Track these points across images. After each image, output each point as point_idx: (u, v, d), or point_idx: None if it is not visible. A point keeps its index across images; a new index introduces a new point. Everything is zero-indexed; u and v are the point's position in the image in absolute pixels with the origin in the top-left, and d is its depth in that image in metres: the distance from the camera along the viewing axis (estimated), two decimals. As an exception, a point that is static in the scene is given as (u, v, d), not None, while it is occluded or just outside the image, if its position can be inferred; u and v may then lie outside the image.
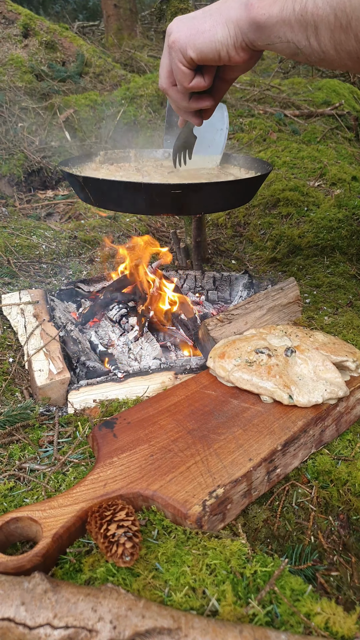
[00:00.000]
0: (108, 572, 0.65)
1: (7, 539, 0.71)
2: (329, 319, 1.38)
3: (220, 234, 2.15)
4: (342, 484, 0.87)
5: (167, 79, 0.94)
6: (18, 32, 3.08)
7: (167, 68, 0.92)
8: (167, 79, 0.94)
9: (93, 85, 3.12)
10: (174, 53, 0.87)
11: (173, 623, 0.55)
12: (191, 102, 0.96)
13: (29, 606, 0.57)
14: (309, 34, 0.73)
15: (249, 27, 0.79)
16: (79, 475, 0.87)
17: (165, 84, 0.95)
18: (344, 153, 2.79)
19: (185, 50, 0.85)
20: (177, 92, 0.95)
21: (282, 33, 0.75)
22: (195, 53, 0.84)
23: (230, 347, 1.02)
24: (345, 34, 0.69)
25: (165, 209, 1.13)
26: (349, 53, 0.72)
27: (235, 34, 0.81)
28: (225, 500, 0.74)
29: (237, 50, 0.83)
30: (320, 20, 0.70)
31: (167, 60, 0.91)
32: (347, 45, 0.71)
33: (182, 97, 0.96)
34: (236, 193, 1.21)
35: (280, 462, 0.84)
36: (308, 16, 0.71)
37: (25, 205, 2.28)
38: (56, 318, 1.31)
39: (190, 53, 0.85)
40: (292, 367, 0.96)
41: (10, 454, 0.93)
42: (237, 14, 0.79)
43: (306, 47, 0.75)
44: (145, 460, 0.81)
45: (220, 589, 0.63)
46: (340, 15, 0.68)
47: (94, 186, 1.14)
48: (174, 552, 0.68)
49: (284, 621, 0.60)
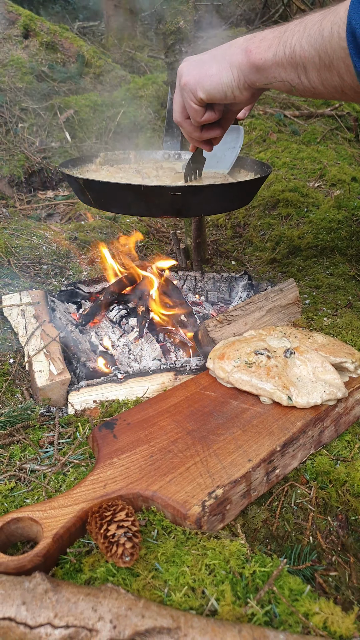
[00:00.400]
0: (108, 572, 0.66)
1: (8, 539, 0.71)
2: (328, 320, 1.38)
3: (220, 234, 2.15)
4: (340, 485, 0.87)
5: (181, 114, 1.06)
6: (18, 32, 3.08)
7: (180, 105, 1.04)
8: (181, 114, 1.06)
9: (93, 86, 3.13)
10: (185, 94, 0.99)
11: (172, 622, 0.56)
12: (203, 133, 1.08)
13: (30, 606, 0.57)
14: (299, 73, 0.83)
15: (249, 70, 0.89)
16: (79, 476, 0.87)
17: (179, 117, 1.07)
18: (343, 154, 2.79)
19: (195, 92, 0.96)
20: (190, 124, 1.06)
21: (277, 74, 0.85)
22: (204, 94, 0.96)
23: (230, 349, 1.03)
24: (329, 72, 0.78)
25: (165, 211, 1.13)
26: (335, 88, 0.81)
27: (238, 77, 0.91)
28: (224, 500, 0.75)
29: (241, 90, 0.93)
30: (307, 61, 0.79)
31: (179, 98, 1.03)
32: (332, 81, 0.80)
33: (194, 129, 1.07)
34: (236, 195, 1.21)
35: (279, 462, 0.85)
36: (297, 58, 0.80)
37: (25, 206, 2.29)
38: (56, 319, 1.31)
39: (200, 94, 0.96)
40: (291, 368, 0.97)
41: (10, 454, 0.94)
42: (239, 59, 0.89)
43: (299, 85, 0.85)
44: (145, 461, 0.81)
45: (219, 588, 0.63)
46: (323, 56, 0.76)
47: (94, 188, 1.14)
48: (173, 553, 0.68)
49: (282, 621, 0.61)
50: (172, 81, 1.56)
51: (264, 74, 0.88)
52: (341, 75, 0.77)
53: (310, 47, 0.78)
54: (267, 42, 0.85)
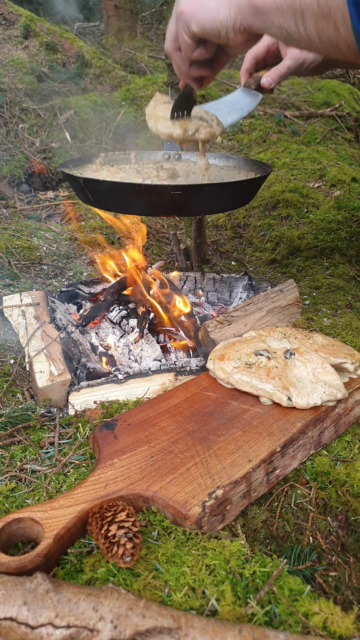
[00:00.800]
0: (109, 572, 0.66)
1: (9, 539, 0.72)
2: (328, 321, 1.38)
3: (220, 235, 2.15)
4: (340, 485, 0.87)
5: (172, 42, 1.00)
6: (19, 33, 3.09)
7: (173, 33, 0.98)
8: (172, 43, 1.00)
9: (93, 87, 3.13)
10: (180, 23, 0.94)
11: (173, 622, 0.56)
12: (192, 69, 1.03)
13: (31, 606, 0.57)
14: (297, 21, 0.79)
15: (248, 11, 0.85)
16: (80, 477, 0.88)
17: (170, 47, 1.01)
18: (343, 154, 2.79)
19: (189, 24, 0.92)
20: (180, 57, 1.01)
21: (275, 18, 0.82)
22: (198, 28, 0.91)
23: (230, 349, 1.03)
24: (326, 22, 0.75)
25: (165, 210, 1.14)
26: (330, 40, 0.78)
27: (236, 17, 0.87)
28: (224, 501, 0.75)
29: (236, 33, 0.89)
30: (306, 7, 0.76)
31: (173, 27, 0.97)
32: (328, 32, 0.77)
33: (184, 63, 1.02)
34: (236, 194, 1.21)
35: (279, 463, 0.85)
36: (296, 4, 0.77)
37: (25, 207, 2.29)
38: (57, 320, 1.31)
39: (193, 27, 0.91)
40: (291, 369, 0.97)
41: (11, 455, 0.94)
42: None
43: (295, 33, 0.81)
44: (146, 461, 0.82)
45: (219, 589, 0.64)
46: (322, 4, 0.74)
47: (95, 188, 1.14)
48: (173, 553, 0.68)
49: (282, 621, 0.61)
50: (173, 82, 1.56)
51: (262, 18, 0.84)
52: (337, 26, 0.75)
53: None
54: None
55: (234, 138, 2.89)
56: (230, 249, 2.04)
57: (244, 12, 0.86)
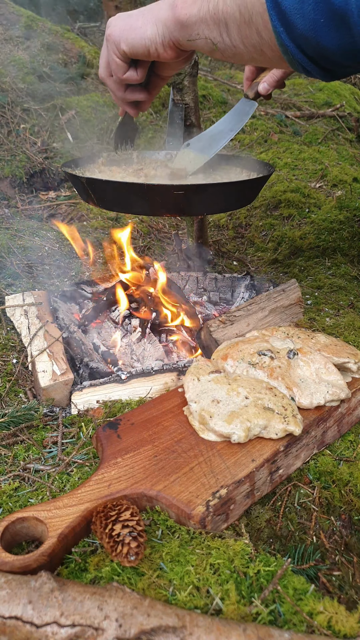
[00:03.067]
0: (113, 571, 0.66)
1: (13, 538, 0.72)
2: (330, 321, 1.38)
3: (221, 235, 2.16)
4: (344, 485, 0.87)
5: (105, 69, 1.02)
6: (20, 33, 3.09)
7: (105, 59, 1.00)
8: (105, 69, 1.01)
9: (95, 87, 3.13)
10: (109, 46, 0.96)
11: (178, 621, 0.56)
12: (126, 93, 1.05)
13: (36, 605, 0.57)
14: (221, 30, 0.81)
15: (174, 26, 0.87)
16: (84, 476, 0.88)
17: (104, 73, 1.03)
18: (345, 154, 2.79)
19: (119, 44, 0.93)
20: (114, 82, 1.03)
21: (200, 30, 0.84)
22: (127, 47, 0.92)
23: (233, 349, 1.03)
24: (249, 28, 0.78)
25: (167, 210, 1.14)
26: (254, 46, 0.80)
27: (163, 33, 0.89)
28: (228, 500, 0.75)
29: (165, 48, 0.90)
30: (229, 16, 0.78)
31: (105, 52, 0.99)
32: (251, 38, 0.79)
33: (118, 88, 1.04)
34: (238, 194, 1.21)
35: (282, 462, 0.85)
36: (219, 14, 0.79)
37: (27, 207, 2.29)
38: (59, 319, 1.32)
39: (123, 47, 0.93)
40: (294, 369, 0.97)
41: (14, 454, 0.94)
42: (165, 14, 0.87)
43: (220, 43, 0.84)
44: (149, 461, 0.82)
45: (224, 588, 0.64)
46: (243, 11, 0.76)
47: (97, 187, 1.14)
48: (178, 552, 0.69)
49: (287, 620, 0.61)
50: (174, 81, 1.56)
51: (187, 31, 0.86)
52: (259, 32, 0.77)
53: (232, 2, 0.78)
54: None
55: (235, 138, 2.89)
56: (232, 249, 2.04)
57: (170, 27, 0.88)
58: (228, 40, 0.82)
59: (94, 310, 1.43)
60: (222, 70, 4.13)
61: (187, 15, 0.84)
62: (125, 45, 0.93)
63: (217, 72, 3.92)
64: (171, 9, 0.86)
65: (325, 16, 0.68)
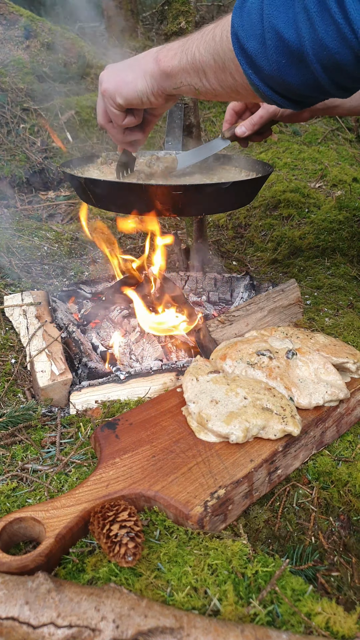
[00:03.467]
0: (111, 572, 0.66)
1: (11, 539, 0.71)
2: (329, 321, 1.38)
3: (221, 235, 2.15)
4: (342, 485, 0.87)
5: (103, 117, 1.13)
6: (20, 33, 3.09)
7: (102, 109, 1.11)
8: (104, 117, 1.13)
9: (94, 87, 3.13)
10: (106, 100, 1.07)
11: (175, 622, 0.56)
12: (125, 136, 1.16)
13: (33, 605, 0.57)
14: (200, 77, 0.92)
15: (160, 77, 0.98)
16: (82, 476, 0.87)
17: (102, 121, 1.14)
18: (344, 154, 2.79)
19: (114, 98, 1.04)
20: (113, 127, 1.14)
21: (183, 78, 0.95)
22: (122, 100, 1.04)
23: (232, 349, 1.03)
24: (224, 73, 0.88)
25: (166, 210, 1.13)
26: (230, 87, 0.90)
27: (152, 84, 0.99)
28: (226, 501, 0.75)
29: (155, 97, 1.02)
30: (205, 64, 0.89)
31: (102, 104, 1.10)
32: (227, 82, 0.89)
33: (117, 132, 1.15)
34: (237, 194, 1.21)
35: (281, 463, 0.85)
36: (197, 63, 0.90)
37: (26, 207, 2.29)
38: (58, 319, 1.31)
39: (118, 100, 1.04)
40: (293, 369, 0.97)
41: (12, 454, 0.94)
42: (151, 67, 0.98)
43: (202, 87, 0.94)
44: (148, 461, 0.81)
45: (221, 589, 0.63)
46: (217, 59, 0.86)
47: (96, 187, 1.14)
48: (175, 552, 0.68)
49: (285, 621, 0.61)
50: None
51: (172, 80, 0.97)
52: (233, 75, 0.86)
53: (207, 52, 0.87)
54: (173, 51, 0.95)
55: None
56: (231, 248, 2.04)
57: (157, 79, 0.98)
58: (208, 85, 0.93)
59: (93, 310, 1.43)
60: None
61: (170, 67, 0.95)
62: (121, 98, 1.03)
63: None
64: (156, 62, 0.97)
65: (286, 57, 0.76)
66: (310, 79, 0.77)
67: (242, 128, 1.32)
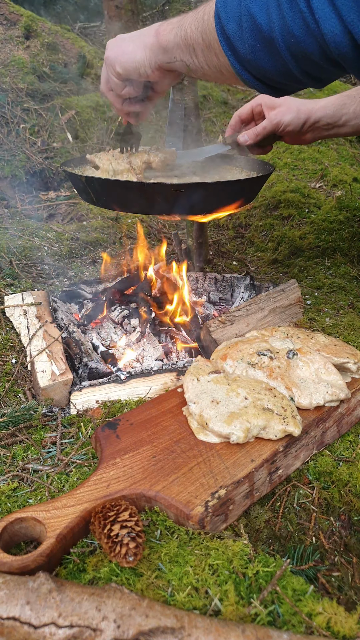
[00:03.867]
0: (112, 572, 0.66)
1: (12, 539, 0.71)
2: (330, 321, 1.38)
3: (221, 235, 2.15)
4: (343, 485, 0.87)
5: (105, 85, 1.15)
6: (20, 33, 3.09)
7: (105, 76, 1.14)
8: (105, 85, 1.15)
9: (95, 87, 3.13)
10: (107, 67, 1.10)
11: (176, 622, 0.56)
12: (125, 106, 1.18)
13: (34, 605, 0.57)
14: (191, 54, 0.95)
15: (158, 50, 1.01)
16: (82, 476, 0.87)
17: (104, 88, 1.16)
18: (345, 154, 2.79)
19: (114, 66, 1.07)
20: (113, 96, 1.16)
21: (177, 54, 0.98)
22: (121, 69, 1.06)
23: (233, 349, 1.03)
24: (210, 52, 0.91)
25: (167, 209, 1.13)
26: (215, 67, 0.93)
27: (149, 57, 1.02)
28: (227, 501, 0.75)
29: (152, 70, 1.04)
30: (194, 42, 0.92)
31: (104, 71, 1.13)
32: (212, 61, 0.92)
33: (117, 101, 1.17)
34: (238, 194, 1.21)
35: (282, 463, 0.85)
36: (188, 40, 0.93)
37: (27, 207, 2.29)
38: (59, 319, 1.31)
39: (117, 69, 1.07)
40: (293, 369, 0.97)
41: (13, 454, 0.94)
42: (151, 40, 1.01)
43: (192, 64, 0.97)
44: (148, 461, 0.81)
45: (222, 589, 0.63)
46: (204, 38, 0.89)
47: (96, 186, 1.14)
48: (176, 553, 0.68)
49: (285, 621, 0.61)
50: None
51: (167, 54, 1.00)
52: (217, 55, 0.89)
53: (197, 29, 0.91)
54: (171, 26, 0.98)
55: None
56: (231, 249, 2.04)
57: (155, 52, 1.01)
58: (197, 62, 0.96)
59: (94, 310, 1.43)
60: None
61: (166, 41, 0.98)
62: (120, 67, 1.06)
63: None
64: (155, 35, 1.01)
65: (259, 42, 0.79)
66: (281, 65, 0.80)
67: (244, 136, 1.34)
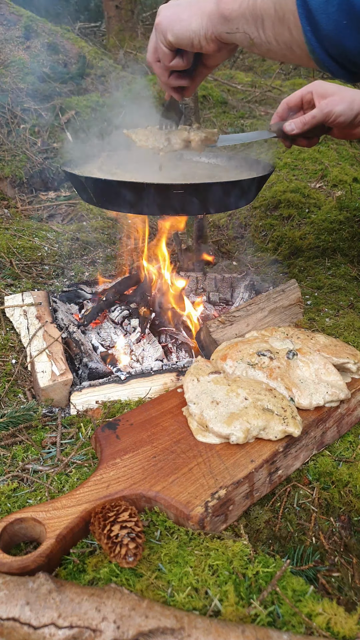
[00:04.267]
0: (111, 572, 0.66)
1: (11, 539, 0.71)
2: (330, 321, 1.38)
3: (221, 235, 2.15)
4: (343, 485, 0.87)
5: (152, 54, 1.07)
6: (20, 33, 3.09)
7: (153, 45, 1.05)
8: (153, 54, 1.07)
9: (95, 87, 3.13)
10: (157, 34, 1.01)
11: (176, 623, 0.56)
12: (171, 79, 1.10)
13: (34, 606, 0.57)
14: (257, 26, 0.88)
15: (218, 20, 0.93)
16: (82, 477, 0.87)
17: (151, 58, 1.08)
18: (345, 154, 2.79)
19: (165, 34, 0.99)
20: (160, 67, 1.08)
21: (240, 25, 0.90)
22: (173, 38, 0.98)
23: (233, 350, 1.03)
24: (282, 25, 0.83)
25: (167, 209, 1.13)
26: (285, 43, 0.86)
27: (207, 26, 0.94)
28: (227, 501, 0.75)
29: (208, 41, 0.96)
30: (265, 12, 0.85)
31: (154, 39, 1.04)
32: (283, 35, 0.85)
33: (163, 73, 1.09)
34: (238, 193, 1.21)
35: (281, 463, 0.85)
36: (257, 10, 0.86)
37: (27, 207, 2.29)
38: (59, 320, 1.31)
39: (169, 37, 0.98)
40: (293, 369, 0.97)
41: (13, 455, 0.94)
42: (210, 8, 0.93)
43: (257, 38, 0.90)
44: (148, 461, 0.81)
45: (222, 589, 0.63)
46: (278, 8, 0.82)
47: (96, 187, 1.14)
48: (176, 553, 0.68)
49: (285, 621, 0.61)
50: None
51: (229, 25, 0.92)
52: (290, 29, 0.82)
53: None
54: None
55: (235, 138, 2.89)
56: (231, 249, 2.04)
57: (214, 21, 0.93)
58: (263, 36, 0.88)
59: (94, 311, 1.43)
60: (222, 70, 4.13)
61: (229, 10, 0.90)
62: (172, 35, 0.98)
63: (217, 73, 3.92)
64: (216, 3, 0.92)
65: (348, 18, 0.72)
66: None
67: (291, 125, 1.26)
